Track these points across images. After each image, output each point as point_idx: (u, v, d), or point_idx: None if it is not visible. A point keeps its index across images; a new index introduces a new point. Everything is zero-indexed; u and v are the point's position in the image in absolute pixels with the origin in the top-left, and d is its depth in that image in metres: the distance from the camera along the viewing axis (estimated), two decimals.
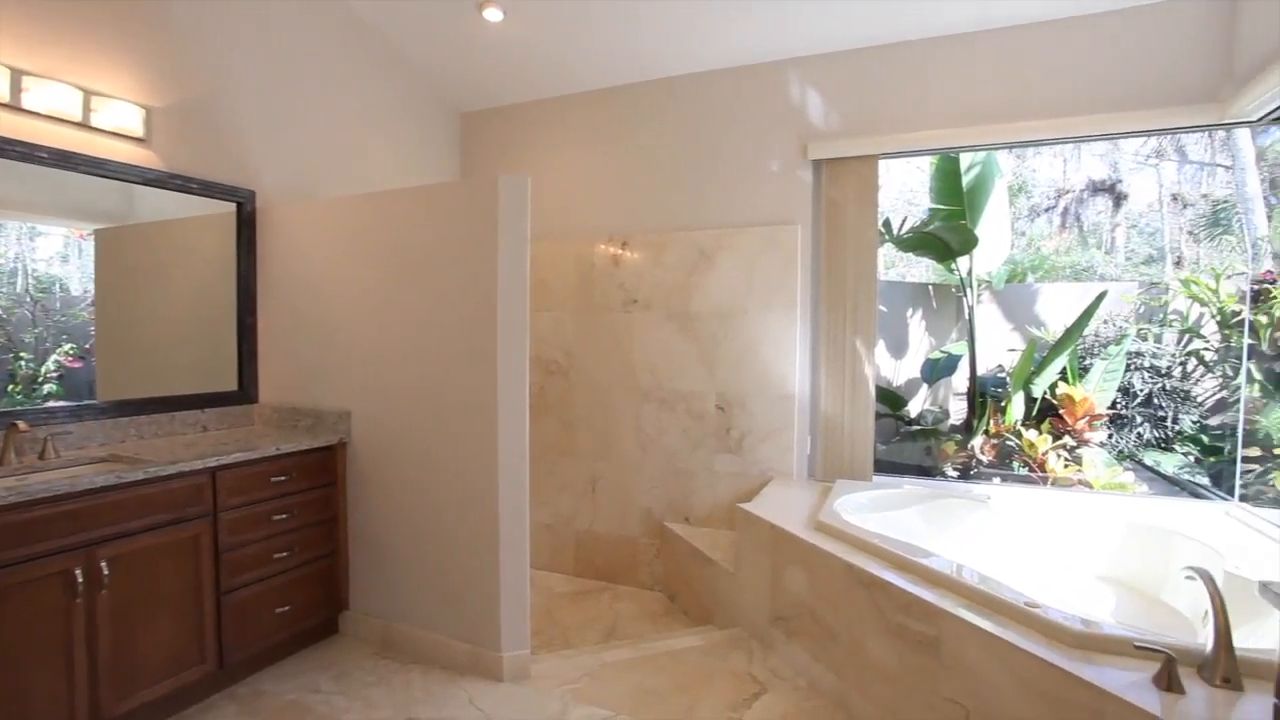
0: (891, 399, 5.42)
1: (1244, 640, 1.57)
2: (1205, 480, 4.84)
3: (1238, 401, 4.89)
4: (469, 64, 3.70)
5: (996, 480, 4.59)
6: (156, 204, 2.68)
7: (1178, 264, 8.24)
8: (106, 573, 1.99)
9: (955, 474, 4.79)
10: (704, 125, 3.52)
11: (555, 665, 2.61)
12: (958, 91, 3.07)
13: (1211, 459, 5.02)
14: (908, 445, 5.25)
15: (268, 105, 3.06)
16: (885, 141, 3.15)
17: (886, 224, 5.11)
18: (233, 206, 2.93)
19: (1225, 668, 1.48)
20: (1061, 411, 4.90)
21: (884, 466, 4.72)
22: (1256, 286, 4.93)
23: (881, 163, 3.22)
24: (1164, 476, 4.96)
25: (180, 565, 2.23)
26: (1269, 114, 2.54)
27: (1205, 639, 1.54)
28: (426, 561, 2.66)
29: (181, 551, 2.23)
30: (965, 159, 4.96)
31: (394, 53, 3.68)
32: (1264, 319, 4.68)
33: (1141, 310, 5.97)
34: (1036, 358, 5.00)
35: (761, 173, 3.40)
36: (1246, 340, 4.24)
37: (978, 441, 4.90)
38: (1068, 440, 4.77)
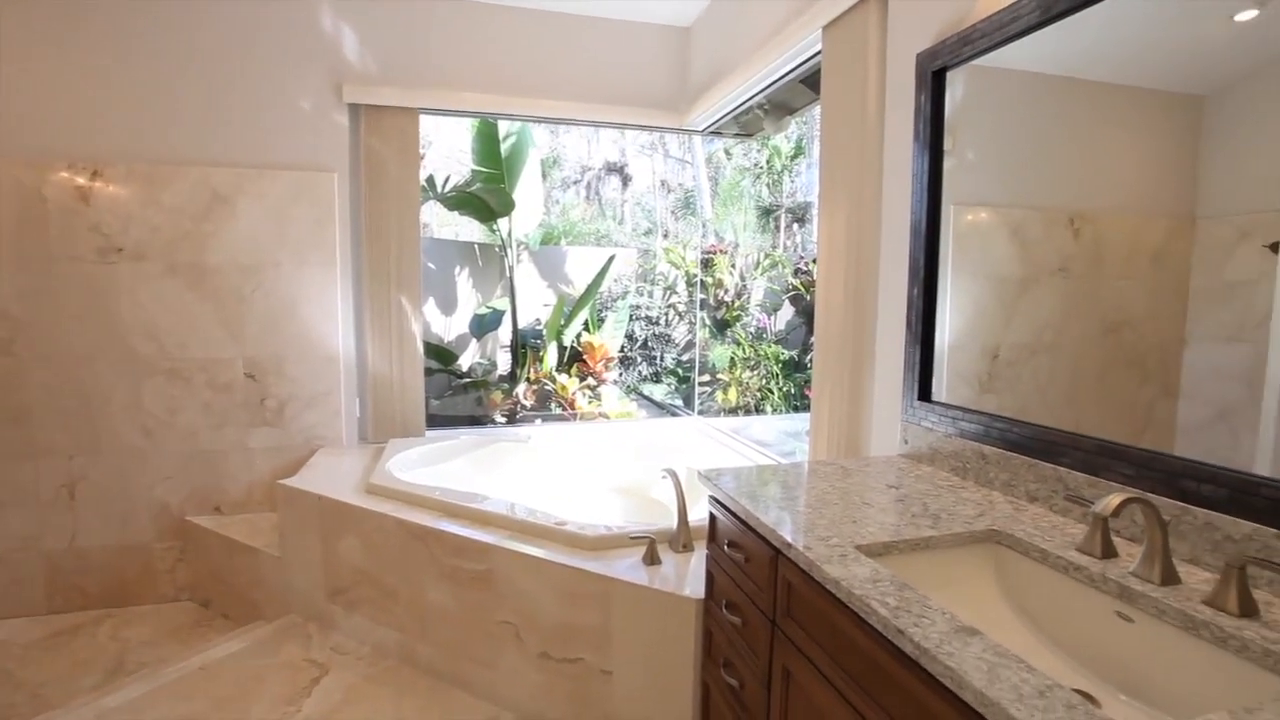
0: (443, 354, 5.57)
1: (696, 515, 2.15)
2: (680, 402, 6.40)
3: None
4: None
5: (538, 421, 5.20)
6: None
7: (665, 236, 10.50)
8: None
9: (504, 420, 5.24)
10: (217, 39, 2.90)
11: None
12: (496, 61, 3.23)
13: (683, 385, 6.68)
14: (460, 398, 5.51)
15: None
16: (426, 96, 3.13)
17: (431, 180, 5.14)
18: None
19: (684, 537, 2.03)
20: (585, 357, 5.82)
21: (439, 421, 4.87)
22: (705, 256, 6.71)
23: (430, 119, 3.19)
24: (655, 403, 6.38)
25: None
26: (708, 127, 3.41)
27: (674, 521, 2.06)
28: None
29: None
30: (503, 127, 5.30)
31: None
32: (710, 280, 6.40)
33: (640, 272, 7.45)
34: (565, 311, 5.79)
35: (290, 109, 3.01)
36: (699, 296, 5.75)
37: (521, 389, 5.45)
38: (591, 381, 5.70)
